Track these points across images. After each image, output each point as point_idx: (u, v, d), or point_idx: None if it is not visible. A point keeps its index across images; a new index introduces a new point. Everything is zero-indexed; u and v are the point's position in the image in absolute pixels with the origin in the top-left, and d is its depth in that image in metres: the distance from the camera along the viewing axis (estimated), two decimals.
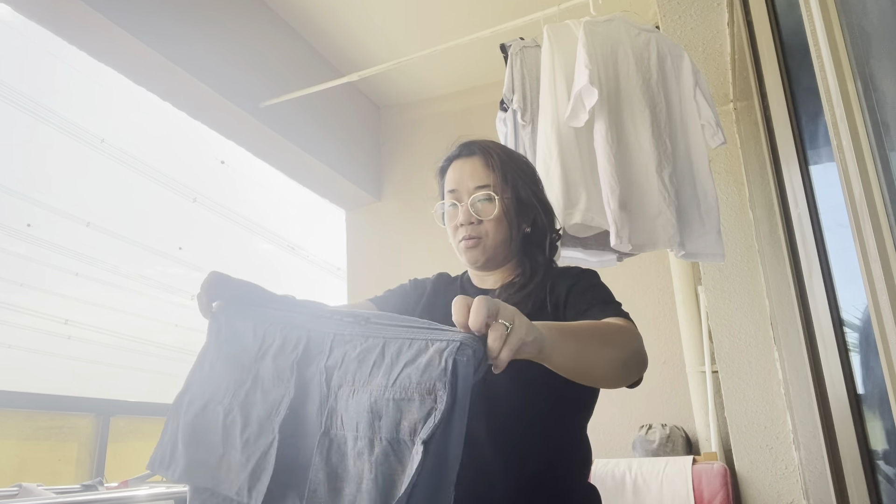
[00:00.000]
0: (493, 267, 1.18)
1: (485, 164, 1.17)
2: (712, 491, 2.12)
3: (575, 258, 1.85)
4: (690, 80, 1.77)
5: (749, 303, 2.22)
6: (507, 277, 1.18)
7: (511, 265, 1.19)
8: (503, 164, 1.17)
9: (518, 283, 1.14)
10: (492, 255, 1.15)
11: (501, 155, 1.19)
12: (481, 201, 1.15)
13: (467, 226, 1.15)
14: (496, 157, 1.17)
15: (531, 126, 1.78)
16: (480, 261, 1.16)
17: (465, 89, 3.47)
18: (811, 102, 1.40)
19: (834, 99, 0.90)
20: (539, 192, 1.21)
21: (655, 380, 2.72)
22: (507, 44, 1.88)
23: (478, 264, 1.17)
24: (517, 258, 1.19)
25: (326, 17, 2.93)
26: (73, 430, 2.27)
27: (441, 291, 1.25)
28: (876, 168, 0.83)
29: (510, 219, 1.15)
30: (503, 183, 1.15)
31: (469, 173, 1.17)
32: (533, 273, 1.15)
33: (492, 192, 1.14)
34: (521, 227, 1.18)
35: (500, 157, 1.18)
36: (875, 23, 0.87)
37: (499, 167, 1.16)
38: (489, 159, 1.17)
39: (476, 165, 1.17)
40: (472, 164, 1.18)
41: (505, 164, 1.17)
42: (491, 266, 1.18)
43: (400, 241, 3.39)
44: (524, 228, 1.19)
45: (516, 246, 1.18)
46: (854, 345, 1.37)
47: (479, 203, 1.15)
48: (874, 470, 1.33)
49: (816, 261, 1.50)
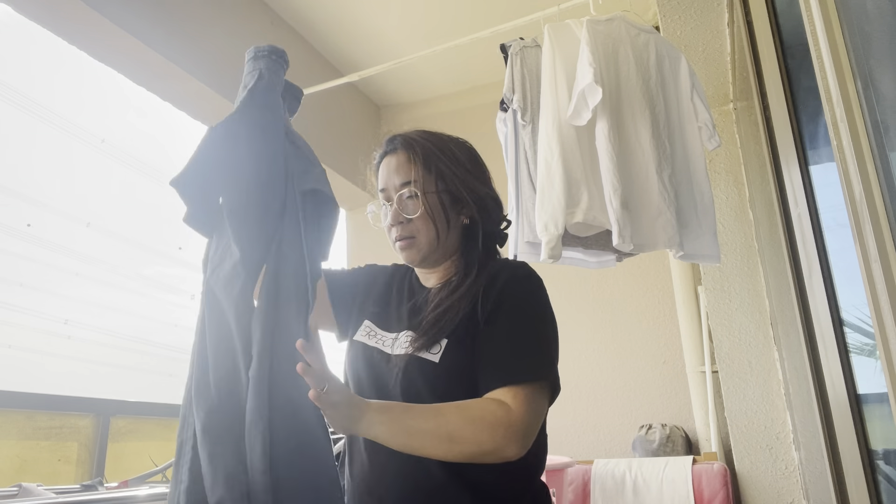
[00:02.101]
0: (432, 265, 1.14)
1: (408, 159, 1.11)
2: (712, 491, 2.12)
3: (575, 258, 1.85)
4: (688, 83, 1.78)
5: (749, 303, 2.22)
6: (446, 276, 1.13)
7: (451, 261, 1.14)
8: (427, 156, 1.11)
9: (453, 284, 1.09)
10: (427, 252, 1.10)
11: (426, 146, 1.12)
12: (407, 199, 1.10)
13: (397, 226, 1.10)
14: (419, 150, 1.11)
15: (531, 126, 1.78)
16: (416, 260, 1.12)
17: (465, 89, 3.47)
18: (811, 102, 1.40)
19: (834, 99, 0.90)
20: (473, 181, 1.13)
21: (655, 380, 2.72)
22: (508, 44, 1.88)
23: (415, 264, 1.13)
24: (459, 253, 1.14)
25: (326, 17, 2.93)
26: (73, 430, 2.27)
27: (394, 286, 1.20)
28: (876, 168, 0.83)
29: (437, 214, 1.09)
30: (427, 176, 1.10)
31: (394, 169, 1.12)
32: (467, 271, 1.10)
33: (414, 187, 1.09)
34: (458, 220, 1.13)
35: (424, 148, 1.12)
36: (875, 23, 0.87)
37: (421, 160, 1.10)
38: (411, 152, 1.12)
39: (400, 161, 1.12)
40: (397, 159, 1.12)
41: (429, 156, 1.11)
42: (430, 264, 1.13)
43: None
44: (462, 221, 1.13)
45: (455, 240, 1.13)
46: (854, 345, 1.37)
47: (406, 201, 1.10)
48: (874, 470, 1.33)
49: (816, 261, 1.49)
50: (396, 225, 1.11)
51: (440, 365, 1.00)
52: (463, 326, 1.02)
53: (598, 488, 2.28)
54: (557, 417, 2.87)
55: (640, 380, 2.74)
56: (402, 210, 1.10)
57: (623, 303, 2.87)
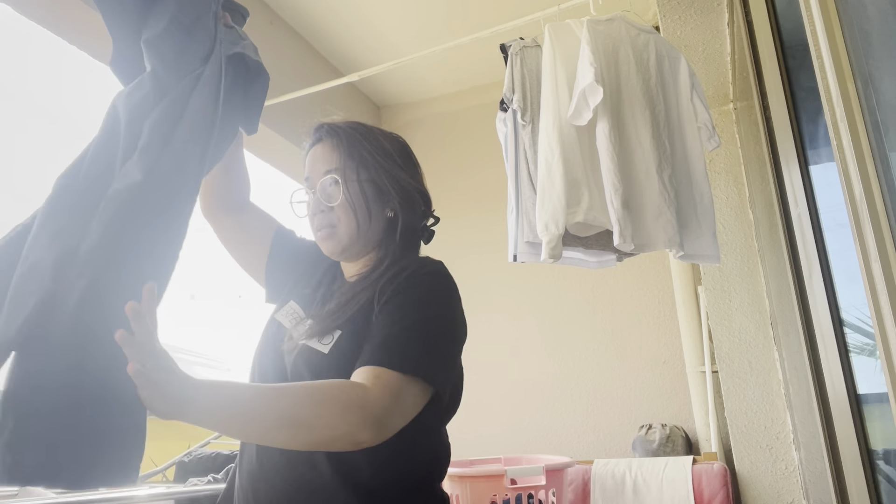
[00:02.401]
0: (353, 257, 1.09)
1: (332, 147, 1.08)
2: (712, 491, 2.12)
3: (576, 258, 1.85)
4: (687, 83, 1.78)
5: (749, 303, 2.22)
6: (365, 269, 1.09)
7: (372, 255, 1.09)
8: (351, 143, 1.07)
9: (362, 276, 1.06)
10: (348, 244, 1.06)
11: (351, 134, 1.09)
12: (329, 186, 1.05)
13: (318, 214, 1.06)
14: (343, 138, 1.08)
15: (531, 126, 1.78)
16: (336, 251, 1.07)
17: (465, 89, 3.47)
18: (811, 102, 1.40)
19: (834, 99, 0.90)
20: (400, 172, 1.09)
21: (655, 380, 2.72)
22: (507, 44, 1.88)
23: (335, 255, 1.09)
24: (379, 247, 1.09)
25: (326, 17, 2.93)
26: None
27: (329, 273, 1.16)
28: (876, 168, 0.83)
29: (358, 203, 1.05)
30: (350, 164, 1.06)
31: (319, 157, 1.08)
32: (378, 265, 1.06)
33: (336, 175, 1.05)
34: (383, 212, 1.08)
35: (349, 136, 1.08)
36: (875, 23, 0.87)
37: (345, 147, 1.07)
38: (336, 140, 1.08)
39: (325, 148, 1.08)
40: (322, 147, 1.09)
41: (354, 144, 1.08)
42: (350, 256, 1.09)
43: None
44: (386, 214, 1.08)
45: (377, 233, 1.08)
46: (854, 345, 1.37)
47: (328, 188, 1.05)
48: (874, 470, 1.33)
49: (816, 261, 1.50)
50: (318, 213, 1.06)
51: (328, 356, 0.96)
52: (360, 319, 0.98)
53: (598, 488, 2.28)
54: (557, 417, 2.88)
55: (640, 380, 2.74)
56: (323, 198, 1.05)
57: (623, 303, 2.87)
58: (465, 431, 3.00)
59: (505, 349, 3.00)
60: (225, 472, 1.90)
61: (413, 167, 1.13)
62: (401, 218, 1.08)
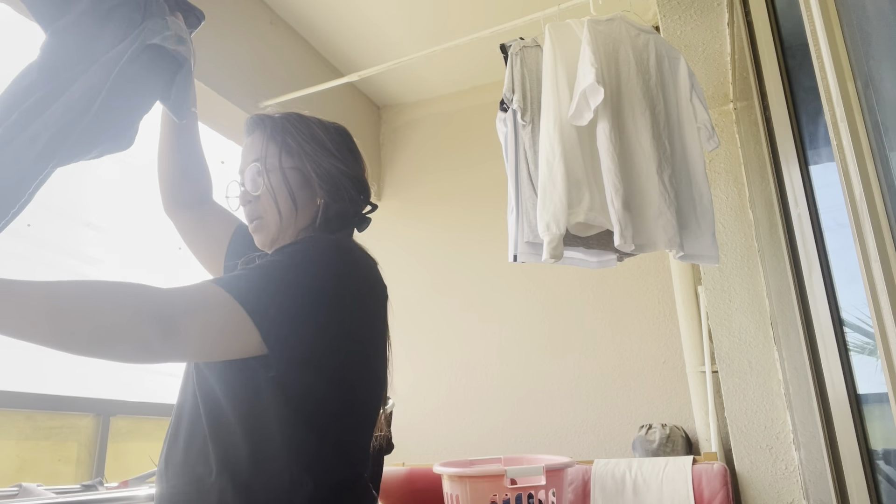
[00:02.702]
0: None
1: (258, 137, 1.06)
2: (712, 491, 2.12)
3: (576, 258, 1.85)
4: (687, 83, 1.78)
5: (749, 303, 2.22)
6: None
7: None
8: (276, 131, 1.05)
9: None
10: (276, 234, 1.03)
11: (279, 122, 1.07)
12: (252, 175, 1.03)
13: (246, 206, 1.04)
14: (268, 126, 1.06)
15: (531, 126, 1.78)
16: (266, 243, 1.04)
17: (465, 89, 3.47)
18: (811, 102, 1.40)
19: (834, 99, 0.90)
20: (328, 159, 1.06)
21: (655, 380, 2.72)
22: (508, 44, 1.88)
23: (266, 247, 1.05)
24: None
25: (326, 17, 2.93)
26: (73, 430, 2.27)
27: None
28: (876, 168, 0.83)
29: (280, 191, 1.02)
30: (273, 151, 1.03)
31: (247, 148, 1.07)
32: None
33: (259, 164, 1.03)
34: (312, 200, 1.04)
35: (276, 124, 1.06)
36: (875, 23, 0.87)
37: (269, 136, 1.05)
38: (262, 129, 1.06)
39: (253, 139, 1.07)
40: (251, 139, 1.07)
41: (278, 132, 1.05)
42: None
43: (400, 240, 3.39)
44: (316, 201, 1.04)
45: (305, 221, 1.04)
46: (854, 345, 1.37)
47: (252, 178, 1.03)
48: (874, 470, 1.33)
49: (816, 261, 1.50)
50: (245, 205, 1.04)
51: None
52: None
53: (598, 488, 2.28)
54: (557, 417, 2.88)
55: (640, 380, 2.74)
56: (250, 188, 1.03)
57: (623, 303, 2.87)
58: (465, 431, 3.01)
59: (505, 349, 3.00)
60: None
61: (349, 155, 1.10)
62: (329, 206, 1.04)
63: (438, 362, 3.11)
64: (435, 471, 2.07)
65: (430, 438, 3.02)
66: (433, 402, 3.07)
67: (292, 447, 0.87)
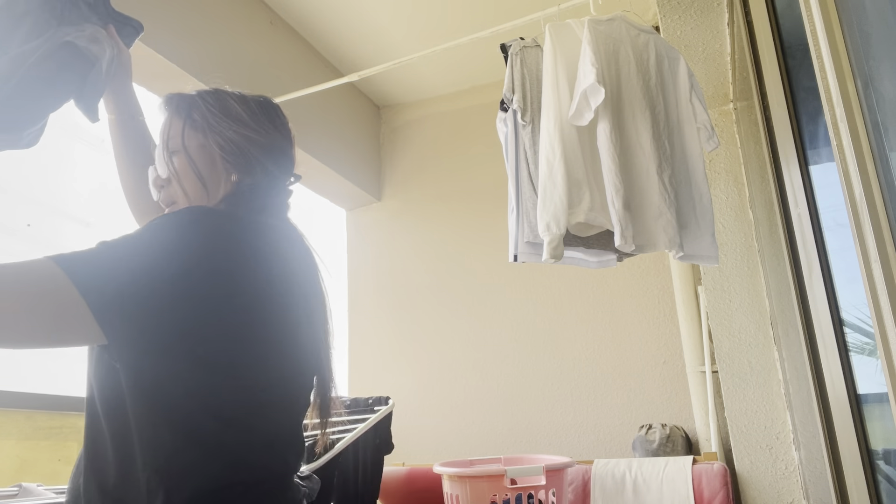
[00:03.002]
0: None
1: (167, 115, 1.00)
2: (712, 491, 2.12)
3: (576, 258, 1.85)
4: (686, 84, 1.78)
5: (749, 303, 2.22)
6: None
7: None
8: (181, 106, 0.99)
9: None
10: None
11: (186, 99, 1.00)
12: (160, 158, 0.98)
13: (159, 191, 0.98)
14: (174, 104, 1.00)
15: (531, 126, 1.78)
16: None
17: (465, 89, 3.47)
18: (811, 102, 1.40)
19: (834, 99, 0.90)
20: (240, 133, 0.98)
21: (655, 380, 2.72)
22: (508, 44, 1.88)
23: None
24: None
25: (326, 17, 2.93)
26: (73, 430, 2.26)
27: None
28: (876, 168, 0.83)
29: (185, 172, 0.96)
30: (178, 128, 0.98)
31: (158, 131, 1.01)
32: None
33: (165, 145, 0.98)
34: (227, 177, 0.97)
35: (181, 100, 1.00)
36: (875, 23, 0.87)
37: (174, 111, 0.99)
38: (169, 109, 1.00)
39: (162, 122, 1.01)
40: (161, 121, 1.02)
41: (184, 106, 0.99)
42: None
43: (400, 241, 3.39)
44: (230, 178, 0.97)
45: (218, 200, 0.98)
46: (854, 345, 1.37)
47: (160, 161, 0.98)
48: (874, 470, 1.33)
49: (816, 261, 1.50)
50: (160, 191, 0.98)
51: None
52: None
53: (598, 488, 2.28)
54: (558, 417, 2.88)
55: (640, 380, 2.74)
56: (160, 171, 0.98)
57: (623, 303, 2.87)
58: (465, 431, 3.01)
59: (505, 349, 3.00)
60: None
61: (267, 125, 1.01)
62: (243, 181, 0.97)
63: (438, 362, 3.11)
64: (435, 471, 2.06)
65: (430, 438, 3.02)
66: (433, 402, 3.07)
67: (147, 448, 0.77)
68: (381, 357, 3.24)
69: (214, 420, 0.80)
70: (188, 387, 0.79)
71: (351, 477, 2.04)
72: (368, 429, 2.05)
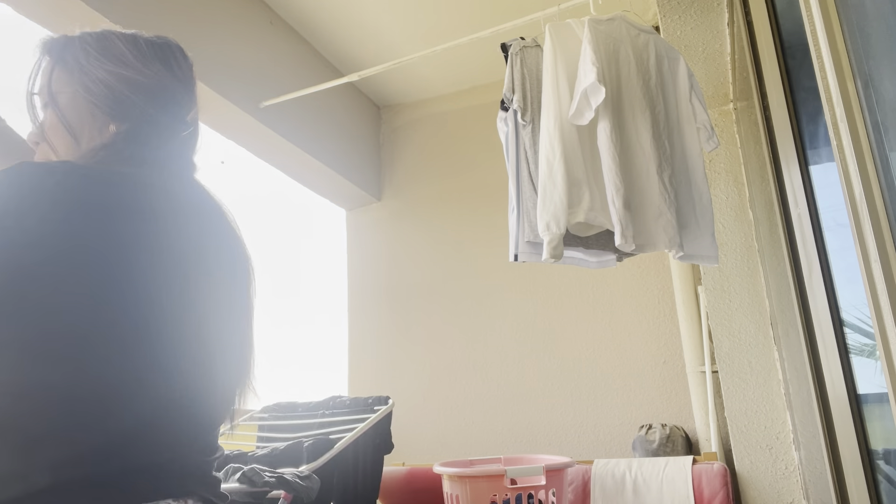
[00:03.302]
0: None
1: (35, 61, 0.87)
2: (712, 491, 2.12)
3: (576, 258, 1.85)
4: (686, 84, 1.78)
5: (749, 303, 2.22)
6: None
7: None
8: (54, 47, 0.86)
9: None
10: None
11: (62, 38, 0.87)
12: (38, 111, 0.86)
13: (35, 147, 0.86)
14: (48, 45, 0.86)
15: (532, 126, 1.78)
16: None
17: (465, 89, 3.47)
18: (811, 102, 1.40)
19: (834, 99, 0.90)
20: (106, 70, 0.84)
21: (655, 380, 2.72)
22: (508, 43, 1.88)
23: None
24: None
25: (326, 17, 2.93)
26: None
27: None
28: (876, 168, 0.83)
29: (54, 126, 0.83)
30: (47, 74, 0.85)
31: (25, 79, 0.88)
32: None
33: (38, 96, 0.85)
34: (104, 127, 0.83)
35: (55, 41, 0.86)
36: (875, 23, 0.87)
37: (43, 56, 0.86)
38: (42, 51, 0.87)
39: (32, 66, 0.88)
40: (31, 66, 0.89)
41: (58, 48, 0.85)
42: None
43: (400, 241, 3.39)
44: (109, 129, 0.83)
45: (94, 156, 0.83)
46: (854, 345, 1.37)
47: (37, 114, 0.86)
48: (874, 470, 1.33)
49: (816, 261, 1.50)
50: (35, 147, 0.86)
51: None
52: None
53: (598, 488, 2.28)
54: (557, 417, 2.88)
55: (640, 380, 2.74)
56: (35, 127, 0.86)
57: (623, 303, 2.87)
58: (465, 431, 3.01)
59: (505, 349, 3.01)
60: (224, 472, 1.90)
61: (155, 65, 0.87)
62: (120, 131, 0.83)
63: (438, 362, 3.11)
64: (435, 471, 2.07)
65: (429, 438, 3.02)
66: (433, 401, 3.07)
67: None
68: (381, 357, 3.24)
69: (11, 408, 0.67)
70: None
71: (351, 477, 2.04)
72: (368, 428, 2.05)
